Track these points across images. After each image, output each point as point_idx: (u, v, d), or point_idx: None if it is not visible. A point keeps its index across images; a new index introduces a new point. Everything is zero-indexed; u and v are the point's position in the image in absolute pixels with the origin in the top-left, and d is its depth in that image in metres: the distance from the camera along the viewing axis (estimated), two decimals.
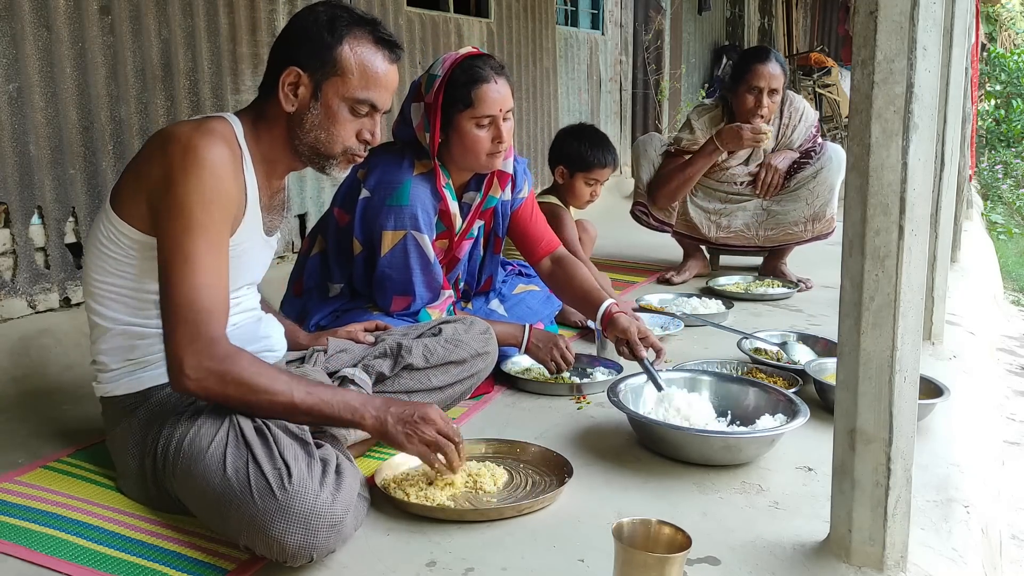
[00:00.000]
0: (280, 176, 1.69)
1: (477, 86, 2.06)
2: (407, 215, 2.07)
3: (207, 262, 1.45)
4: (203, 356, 1.41)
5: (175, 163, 1.45)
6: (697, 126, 3.53)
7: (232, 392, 1.43)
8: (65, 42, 2.55)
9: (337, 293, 2.24)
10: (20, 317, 2.51)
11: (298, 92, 1.57)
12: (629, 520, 1.28)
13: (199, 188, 1.44)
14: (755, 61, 3.34)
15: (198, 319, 1.42)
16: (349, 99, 1.58)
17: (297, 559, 1.31)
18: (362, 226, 2.12)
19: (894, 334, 1.29)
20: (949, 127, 2.60)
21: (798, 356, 2.44)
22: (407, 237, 2.08)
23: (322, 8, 1.60)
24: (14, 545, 1.45)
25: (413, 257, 2.09)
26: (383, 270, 2.11)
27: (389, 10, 4.06)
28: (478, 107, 2.07)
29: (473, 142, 2.10)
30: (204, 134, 1.48)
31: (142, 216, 1.50)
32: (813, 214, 3.47)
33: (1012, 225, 8.66)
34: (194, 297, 1.42)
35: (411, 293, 2.13)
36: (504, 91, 2.10)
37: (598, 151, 3.03)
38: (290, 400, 1.44)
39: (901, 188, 1.27)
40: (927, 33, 1.25)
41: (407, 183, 2.09)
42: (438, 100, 2.08)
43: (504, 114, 2.10)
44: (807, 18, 13.47)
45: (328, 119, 1.58)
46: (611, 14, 6.77)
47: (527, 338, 2.27)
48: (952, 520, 1.59)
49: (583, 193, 3.08)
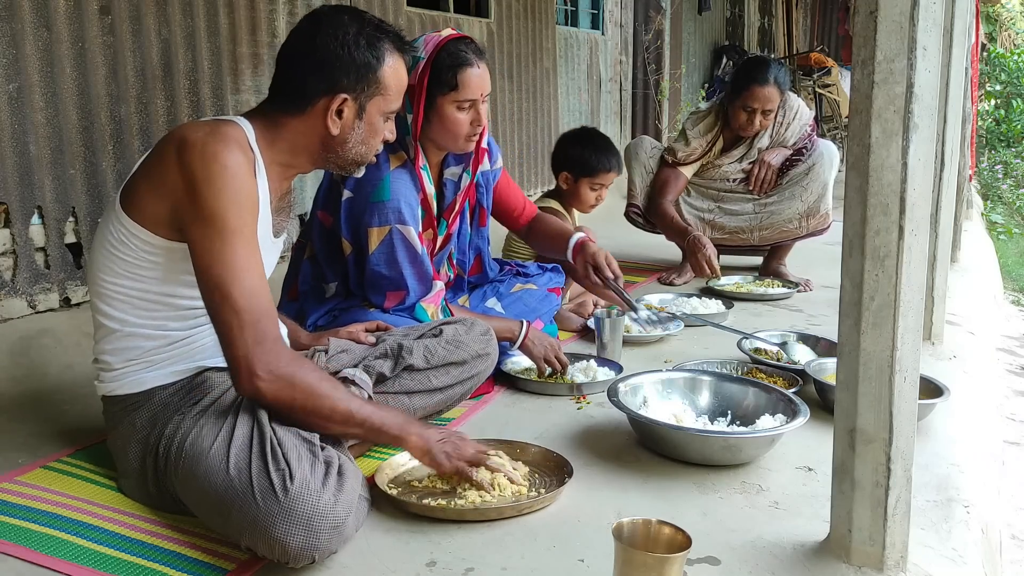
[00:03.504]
0: (290, 179, 1.70)
1: (463, 70, 2.08)
2: (390, 210, 2.08)
3: (251, 265, 1.46)
4: (272, 358, 1.43)
5: (197, 172, 1.45)
6: (692, 135, 3.56)
7: (299, 396, 1.45)
8: (65, 42, 2.55)
9: (333, 292, 2.24)
10: (20, 317, 2.51)
11: (343, 115, 1.58)
12: (629, 520, 1.28)
13: (227, 194, 1.45)
14: (754, 82, 3.36)
15: (259, 322, 1.43)
16: (387, 112, 1.64)
17: (299, 560, 1.31)
18: (348, 226, 2.13)
19: (894, 334, 1.29)
20: (949, 127, 2.60)
21: (798, 356, 2.44)
22: (392, 232, 2.09)
23: (354, 27, 1.57)
24: (14, 545, 1.45)
25: (401, 251, 2.10)
26: (373, 268, 2.12)
27: (389, 10, 4.06)
28: (462, 91, 2.09)
29: (454, 124, 2.12)
30: (220, 140, 1.48)
31: (160, 221, 1.50)
32: (807, 210, 3.47)
33: (1012, 225, 8.66)
34: (249, 302, 1.44)
35: (404, 287, 2.14)
36: (485, 75, 2.13)
37: (603, 156, 3.01)
38: (347, 408, 1.48)
39: (901, 188, 1.27)
40: (927, 33, 1.25)
41: (386, 178, 2.10)
42: (423, 82, 2.09)
43: (483, 98, 2.14)
44: (807, 18, 13.47)
45: (370, 134, 1.63)
46: (611, 14, 6.77)
47: (524, 333, 2.27)
48: (952, 520, 1.59)
49: (588, 198, 3.07)
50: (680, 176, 3.60)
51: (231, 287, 1.43)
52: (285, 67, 1.60)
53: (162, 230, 1.50)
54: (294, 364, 1.46)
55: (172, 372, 1.58)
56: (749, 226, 3.55)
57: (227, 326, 1.44)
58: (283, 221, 1.73)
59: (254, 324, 1.43)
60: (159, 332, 1.57)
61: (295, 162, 1.64)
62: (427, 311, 2.18)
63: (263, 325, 1.44)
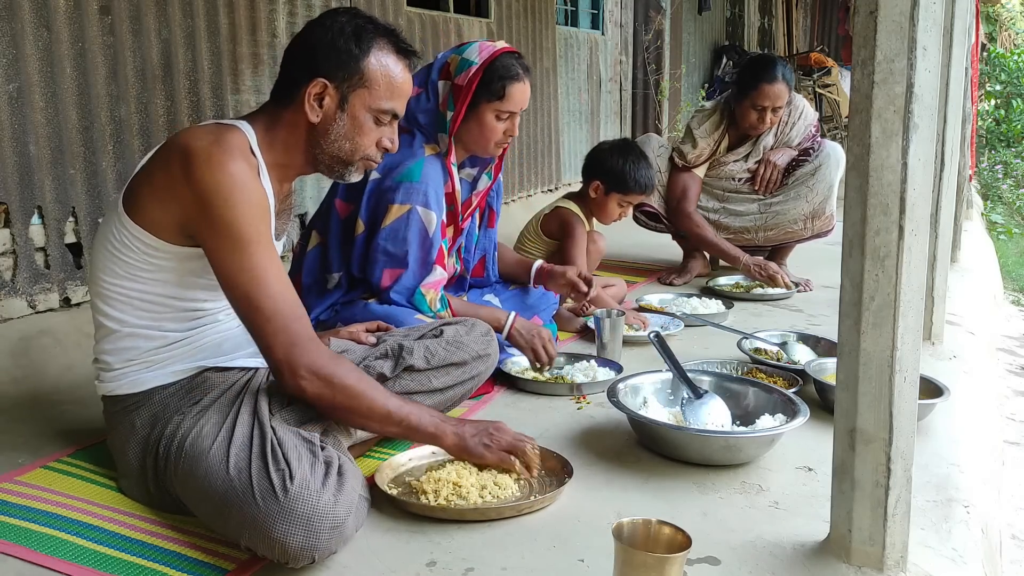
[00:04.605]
0: (290, 181, 1.70)
1: (512, 83, 2.21)
2: (416, 191, 2.15)
3: (273, 271, 1.48)
4: (313, 358, 1.47)
5: (207, 184, 1.45)
6: (698, 135, 3.55)
7: (339, 395, 1.49)
8: (65, 42, 2.55)
9: (335, 283, 2.25)
10: (20, 317, 2.51)
11: (323, 103, 1.58)
12: (629, 520, 1.28)
13: (239, 205, 1.45)
14: (763, 80, 3.35)
15: (292, 327, 1.47)
16: (375, 109, 1.61)
17: (299, 560, 1.31)
18: (369, 204, 2.18)
19: (894, 334, 1.29)
20: (949, 127, 2.60)
21: (798, 356, 2.44)
22: (412, 212, 2.14)
23: (344, 18, 1.59)
24: (14, 545, 1.45)
25: (413, 231, 2.15)
26: (379, 243, 2.15)
27: (389, 10, 4.06)
28: (506, 102, 2.22)
29: (491, 130, 2.24)
30: (225, 150, 1.48)
31: (166, 227, 1.50)
32: (812, 211, 3.47)
33: (1012, 225, 8.65)
34: (279, 306, 1.47)
35: (404, 266, 2.16)
36: (528, 92, 2.27)
37: (643, 177, 2.95)
38: (385, 407, 1.52)
39: (901, 188, 1.27)
40: (927, 33, 1.25)
41: (420, 162, 2.18)
42: (472, 85, 2.19)
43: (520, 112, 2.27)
44: (807, 18, 13.47)
45: (354, 129, 1.61)
46: (611, 14, 6.77)
47: (510, 323, 2.28)
48: (952, 520, 1.59)
49: (613, 213, 3.03)
50: (696, 179, 3.60)
51: (258, 295, 1.46)
52: (282, 64, 1.63)
53: (169, 235, 1.51)
54: (333, 363, 1.50)
55: (172, 372, 1.58)
56: (754, 226, 3.55)
57: (261, 332, 1.47)
58: (284, 224, 1.74)
59: (286, 328, 1.46)
60: (158, 332, 1.57)
61: (291, 161, 1.64)
62: (426, 297, 2.20)
63: (295, 327, 1.47)
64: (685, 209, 3.56)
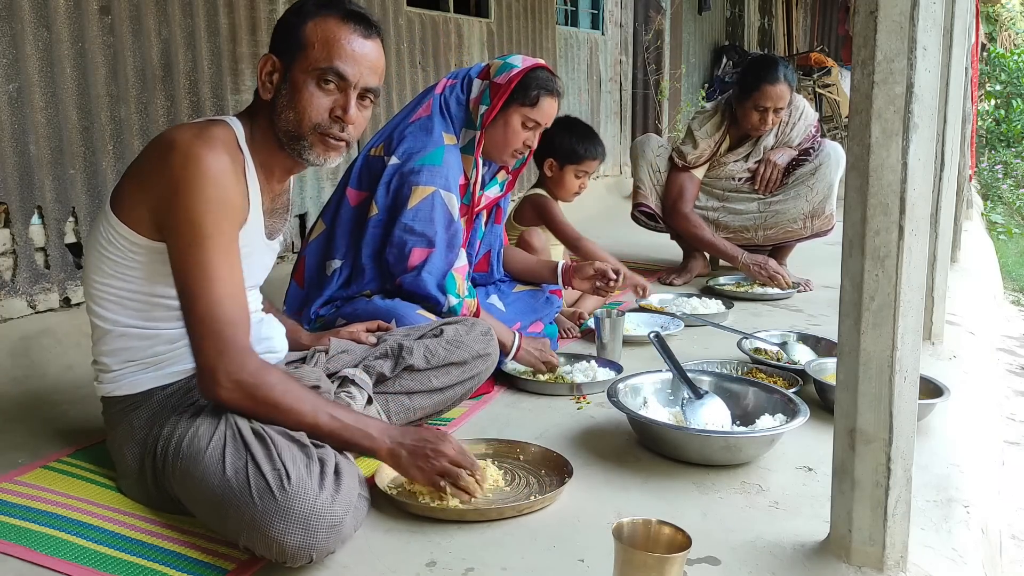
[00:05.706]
0: (281, 179, 1.69)
1: (546, 95, 2.29)
2: (440, 174, 2.17)
3: (223, 273, 1.46)
4: (234, 368, 1.43)
5: (178, 174, 1.45)
6: (699, 135, 3.55)
7: (260, 408, 1.46)
8: (65, 42, 2.55)
9: (334, 270, 2.23)
10: (20, 317, 2.52)
11: (273, 79, 1.58)
12: (629, 520, 1.28)
13: (205, 199, 1.44)
14: (765, 81, 3.35)
15: (224, 332, 1.43)
16: (314, 71, 1.55)
17: (296, 559, 1.31)
18: (387, 187, 2.18)
19: (894, 334, 1.29)
20: (949, 127, 2.60)
21: (798, 356, 2.44)
22: (436, 194, 2.16)
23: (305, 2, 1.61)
24: (14, 545, 1.45)
25: (438, 212, 2.16)
26: (406, 223, 2.14)
27: (389, 10, 4.06)
28: (536, 111, 2.29)
29: (513, 135, 2.30)
30: (205, 142, 1.47)
31: (144, 221, 1.50)
32: (812, 211, 3.47)
33: (1012, 225, 8.65)
34: (216, 310, 1.44)
35: (433, 245, 2.17)
36: (556, 111, 2.35)
37: (588, 144, 3.02)
38: (314, 422, 1.47)
39: (901, 188, 1.27)
40: (927, 33, 1.25)
41: (441, 148, 2.21)
42: (511, 84, 2.25)
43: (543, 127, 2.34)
44: (807, 18, 13.47)
45: (295, 95, 1.55)
46: (611, 14, 6.77)
47: (517, 346, 2.29)
48: (952, 520, 1.59)
49: (572, 185, 3.07)
50: (694, 179, 3.60)
51: (199, 296, 1.44)
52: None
53: (145, 230, 1.50)
54: (257, 376, 1.45)
55: (169, 373, 1.58)
56: (753, 225, 3.56)
57: (192, 333, 1.45)
58: (278, 223, 1.72)
59: (219, 333, 1.43)
60: (151, 332, 1.57)
61: (274, 154, 1.62)
62: (456, 280, 2.20)
63: (228, 333, 1.43)
64: (681, 209, 3.56)
